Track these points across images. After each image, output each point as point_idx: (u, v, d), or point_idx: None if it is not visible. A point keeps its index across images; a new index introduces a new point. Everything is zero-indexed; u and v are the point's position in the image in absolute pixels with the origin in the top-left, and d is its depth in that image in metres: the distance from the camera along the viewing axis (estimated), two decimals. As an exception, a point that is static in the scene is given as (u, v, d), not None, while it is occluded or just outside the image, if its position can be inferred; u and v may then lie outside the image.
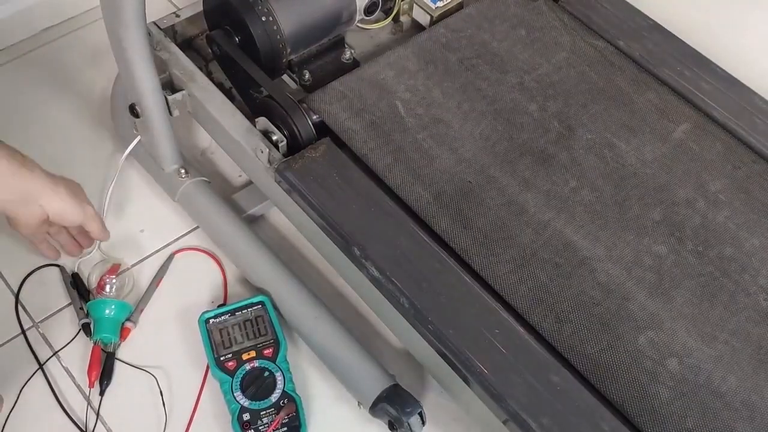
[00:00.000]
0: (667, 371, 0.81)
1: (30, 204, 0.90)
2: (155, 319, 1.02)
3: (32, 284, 1.04)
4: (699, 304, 0.86)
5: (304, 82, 1.06)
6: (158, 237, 1.10)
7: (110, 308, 0.97)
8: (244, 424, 0.89)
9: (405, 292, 0.82)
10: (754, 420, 0.79)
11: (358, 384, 0.93)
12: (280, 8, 0.99)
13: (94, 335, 0.96)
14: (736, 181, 0.96)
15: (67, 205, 0.93)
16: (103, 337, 0.96)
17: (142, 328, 1.00)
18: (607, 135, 0.99)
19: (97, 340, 0.96)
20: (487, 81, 1.03)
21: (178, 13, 1.09)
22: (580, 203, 0.92)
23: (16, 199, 0.89)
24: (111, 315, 0.96)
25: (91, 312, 0.97)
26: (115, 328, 0.97)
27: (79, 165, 1.16)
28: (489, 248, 0.88)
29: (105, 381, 0.94)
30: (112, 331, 0.96)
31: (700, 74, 1.06)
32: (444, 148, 0.95)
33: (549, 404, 0.76)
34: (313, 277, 1.07)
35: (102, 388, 0.94)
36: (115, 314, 0.97)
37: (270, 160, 0.92)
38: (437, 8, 1.10)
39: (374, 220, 0.88)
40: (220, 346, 0.95)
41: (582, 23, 1.11)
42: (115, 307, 0.97)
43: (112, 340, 0.96)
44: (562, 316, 0.84)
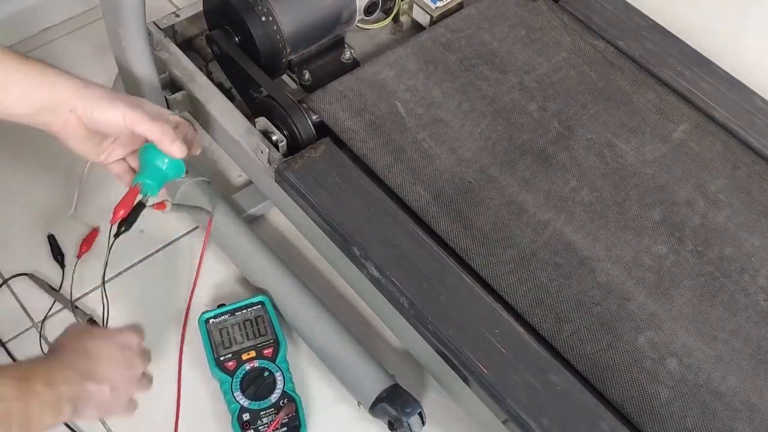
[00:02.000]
0: (667, 371, 0.81)
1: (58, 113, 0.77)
2: (155, 321, 1.02)
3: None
4: (699, 304, 0.86)
5: (304, 82, 1.06)
6: (158, 237, 1.10)
7: (164, 161, 0.83)
8: (244, 424, 0.90)
9: (405, 292, 0.82)
10: (754, 420, 0.79)
11: (358, 384, 0.93)
12: (280, 8, 0.99)
13: (138, 177, 0.83)
14: (736, 181, 0.96)
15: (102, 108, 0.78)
16: (146, 184, 0.83)
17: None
18: (607, 135, 0.99)
19: (138, 183, 0.83)
20: (487, 81, 1.02)
21: (178, 13, 1.09)
22: (580, 203, 0.92)
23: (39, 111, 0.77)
24: (162, 167, 0.83)
25: (142, 155, 0.84)
26: (160, 182, 0.84)
27: (78, 165, 1.16)
28: (489, 248, 0.88)
29: (124, 226, 0.83)
30: (156, 182, 0.84)
31: (700, 74, 1.06)
32: (444, 148, 0.95)
33: (549, 404, 0.76)
34: (313, 277, 1.07)
35: (119, 230, 0.83)
36: (167, 169, 0.84)
37: (270, 160, 0.92)
38: (437, 8, 1.10)
39: (374, 220, 0.88)
40: (220, 346, 0.95)
41: (582, 23, 1.11)
42: (169, 162, 0.83)
43: (151, 192, 0.84)
44: (562, 316, 0.84)
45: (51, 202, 1.12)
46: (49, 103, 0.76)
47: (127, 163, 0.87)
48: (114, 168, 0.87)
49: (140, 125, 0.79)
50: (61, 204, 1.10)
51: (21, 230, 1.10)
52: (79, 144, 0.81)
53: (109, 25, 0.94)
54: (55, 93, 0.76)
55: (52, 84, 0.76)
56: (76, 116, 0.77)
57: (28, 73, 0.75)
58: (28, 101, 0.76)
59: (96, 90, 0.78)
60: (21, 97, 0.76)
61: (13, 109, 0.76)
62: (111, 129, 0.80)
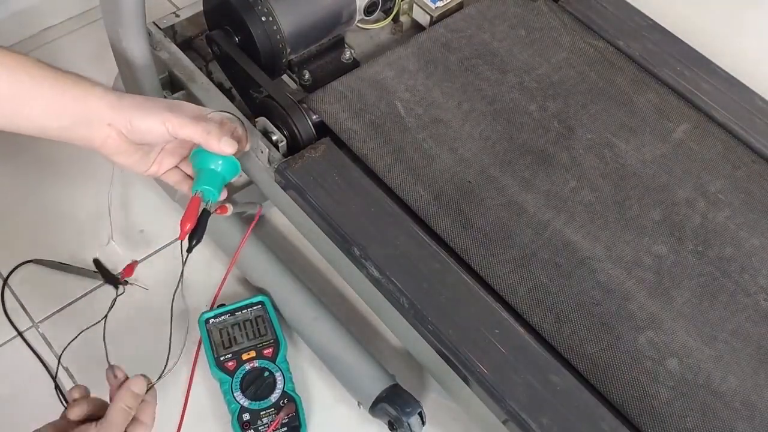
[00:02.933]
0: (667, 371, 0.81)
1: (94, 127, 0.75)
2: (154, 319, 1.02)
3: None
4: (699, 304, 0.86)
5: (304, 82, 1.06)
6: (158, 237, 1.10)
7: (218, 162, 0.81)
8: (244, 424, 0.90)
9: (405, 292, 0.82)
10: (754, 420, 0.79)
11: (358, 384, 0.93)
12: (280, 8, 0.99)
13: (195, 185, 0.81)
14: (736, 181, 0.96)
15: (140, 118, 0.75)
16: (205, 190, 0.81)
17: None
18: (607, 135, 0.99)
19: (198, 192, 0.81)
20: (487, 81, 1.02)
21: (178, 13, 1.09)
22: (580, 203, 0.92)
23: (71, 125, 0.74)
24: (218, 170, 0.81)
25: (194, 160, 0.82)
26: (219, 185, 0.82)
27: (79, 164, 1.16)
28: (489, 248, 0.88)
29: (195, 238, 0.81)
30: (215, 187, 0.81)
31: (700, 74, 1.06)
32: (444, 148, 0.95)
33: (549, 404, 0.76)
34: (313, 277, 1.07)
35: (191, 244, 0.81)
36: (223, 170, 0.82)
37: (270, 160, 0.92)
38: (437, 8, 1.10)
39: (374, 220, 0.88)
40: (220, 346, 0.95)
41: (582, 23, 1.11)
42: (223, 163, 0.81)
43: (212, 197, 0.82)
44: (562, 316, 0.84)
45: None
46: (82, 117, 0.74)
47: (182, 171, 0.85)
48: (169, 178, 0.85)
49: (182, 130, 0.76)
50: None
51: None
52: (126, 159, 0.79)
53: (109, 25, 0.93)
54: (89, 106, 0.74)
55: (84, 97, 0.74)
56: (116, 130, 0.75)
57: (57, 84, 0.73)
58: (59, 114, 0.73)
59: (131, 100, 0.76)
60: (50, 109, 0.73)
61: (42, 122, 0.73)
62: (153, 138, 0.77)
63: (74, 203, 1.13)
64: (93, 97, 0.74)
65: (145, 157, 0.81)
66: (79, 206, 1.13)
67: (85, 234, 1.10)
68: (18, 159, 1.17)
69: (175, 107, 0.78)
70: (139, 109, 0.75)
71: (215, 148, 0.77)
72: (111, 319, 1.02)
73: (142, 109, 0.75)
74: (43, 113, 0.73)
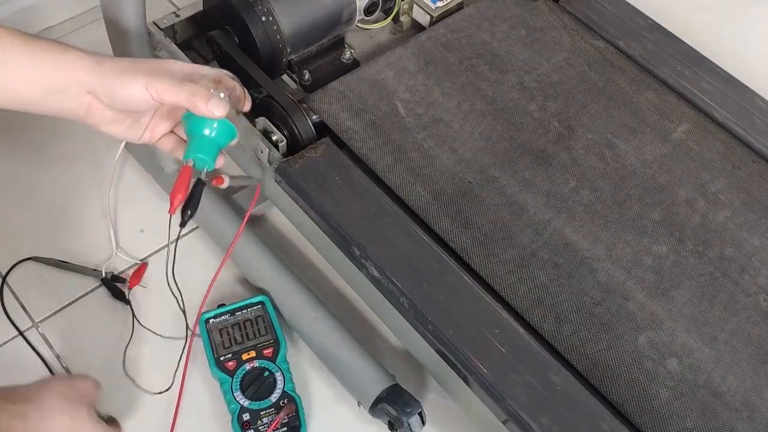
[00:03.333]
0: (667, 371, 0.81)
1: (73, 95, 0.70)
2: (154, 320, 1.02)
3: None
4: (699, 304, 0.86)
5: (304, 82, 1.06)
6: (158, 237, 1.10)
7: (212, 127, 0.73)
8: (244, 424, 0.89)
9: (405, 292, 0.82)
10: (754, 420, 0.79)
11: (358, 384, 0.93)
12: (280, 8, 0.99)
13: (187, 153, 0.74)
14: (736, 181, 0.96)
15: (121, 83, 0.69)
16: (197, 158, 0.74)
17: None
18: (607, 135, 0.99)
19: (189, 160, 0.74)
20: (487, 81, 1.02)
21: (178, 13, 1.08)
22: (580, 203, 0.92)
23: (49, 94, 0.69)
24: (212, 135, 0.73)
25: (186, 126, 0.75)
26: (213, 152, 0.74)
27: (79, 164, 1.16)
28: (489, 248, 0.88)
29: (189, 210, 0.75)
30: (209, 154, 0.74)
31: (700, 74, 1.06)
32: (444, 148, 0.95)
33: (549, 404, 0.76)
34: (313, 277, 1.07)
35: (184, 217, 0.75)
36: (217, 136, 0.74)
37: (270, 160, 0.92)
38: (437, 8, 1.10)
39: (374, 220, 0.88)
40: (220, 346, 0.95)
41: (582, 23, 1.11)
42: (218, 127, 0.73)
43: (206, 166, 0.74)
44: (562, 316, 0.84)
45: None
46: (60, 84, 0.68)
47: (177, 136, 0.77)
48: (163, 145, 0.77)
49: (166, 94, 0.69)
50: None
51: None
52: (115, 128, 0.73)
53: (109, 25, 0.94)
54: (66, 73, 0.68)
55: (59, 62, 0.68)
56: (96, 98, 0.69)
57: (33, 51, 0.67)
58: (35, 82, 0.68)
59: (112, 64, 0.69)
60: (26, 77, 0.68)
61: (19, 92, 0.68)
62: (137, 105, 0.70)
63: (75, 201, 1.13)
64: (70, 63, 0.68)
65: (135, 124, 0.75)
66: (80, 203, 1.13)
67: (85, 232, 1.10)
68: (18, 154, 1.17)
69: (161, 69, 0.70)
70: (120, 75, 0.69)
71: (203, 110, 0.69)
72: (110, 319, 1.02)
73: (123, 74, 0.69)
74: (20, 82, 0.68)
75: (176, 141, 0.78)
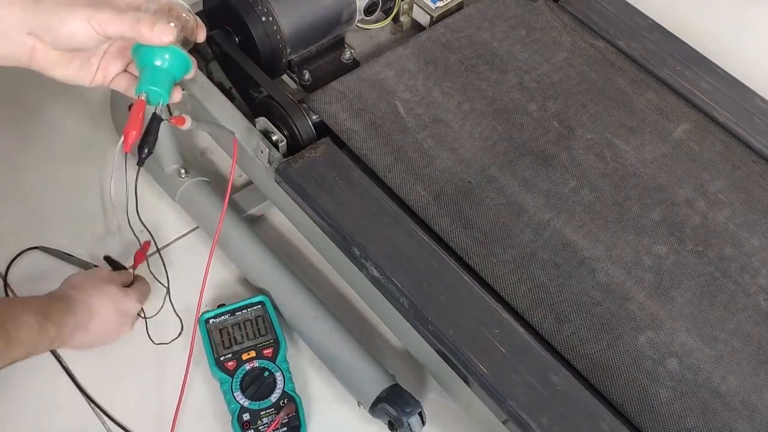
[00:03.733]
0: (667, 371, 0.81)
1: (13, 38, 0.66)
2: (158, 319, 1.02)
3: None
4: (699, 304, 0.86)
5: (304, 82, 1.06)
6: (158, 237, 1.10)
7: (164, 57, 0.68)
8: (244, 424, 0.90)
9: (405, 292, 0.82)
10: (754, 420, 0.79)
11: (358, 384, 0.93)
12: (280, 8, 0.99)
13: (139, 87, 0.69)
14: (736, 181, 0.96)
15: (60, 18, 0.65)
16: (150, 91, 0.69)
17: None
18: (606, 135, 0.99)
19: (141, 93, 0.69)
20: (487, 81, 1.02)
21: (178, 13, 1.08)
22: (580, 203, 0.92)
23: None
24: (164, 66, 0.69)
25: (136, 58, 0.70)
26: (167, 84, 0.70)
27: (79, 164, 1.16)
28: (489, 248, 0.88)
29: (146, 148, 0.70)
30: (162, 86, 0.69)
31: (700, 74, 1.06)
32: (444, 148, 0.95)
33: (549, 404, 0.76)
34: (313, 277, 1.07)
35: (141, 155, 0.70)
36: (170, 66, 0.69)
37: (270, 160, 0.92)
38: (437, 8, 1.10)
39: (374, 220, 0.88)
40: (220, 346, 0.96)
41: (582, 23, 1.11)
42: (170, 57, 0.69)
43: (160, 100, 0.70)
44: (562, 316, 0.84)
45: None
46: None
47: (131, 75, 0.74)
48: (117, 85, 0.74)
49: (109, 25, 0.64)
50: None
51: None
52: (63, 71, 0.69)
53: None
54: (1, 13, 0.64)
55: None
56: (38, 38, 0.65)
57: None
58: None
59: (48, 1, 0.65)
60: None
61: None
62: (81, 41, 0.66)
63: (79, 194, 1.14)
64: (4, 2, 0.64)
65: (85, 65, 0.70)
66: (83, 197, 1.13)
67: (88, 226, 1.10)
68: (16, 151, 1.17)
69: (105, 2, 0.66)
70: (59, 10, 0.64)
71: (149, 37, 0.65)
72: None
73: (62, 9, 0.64)
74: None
75: (131, 79, 0.74)
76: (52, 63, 0.68)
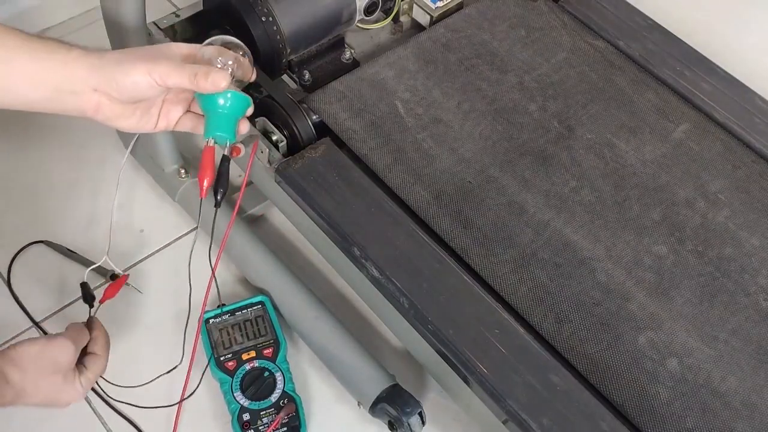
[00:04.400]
0: (667, 371, 0.81)
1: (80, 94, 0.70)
2: (154, 321, 1.02)
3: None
4: (699, 304, 0.86)
5: (304, 82, 1.06)
6: (158, 237, 1.10)
7: (224, 101, 0.72)
8: (244, 424, 0.90)
9: (405, 292, 0.82)
10: (754, 420, 0.79)
11: (358, 384, 0.93)
12: (280, 8, 0.99)
13: (206, 133, 0.74)
14: (736, 181, 0.96)
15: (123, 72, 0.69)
16: (217, 137, 0.74)
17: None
18: (607, 135, 0.99)
19: (209, 139, 0.74)
20: (487, 81, 1.02)
21: (178, 13, 1.08)
22: (580, 203, 0.92)
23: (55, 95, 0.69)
24: (225, 110, 0.73)
25: (200, 103, 0.75)
26: (231, 126, 0.74)
27: (79, 165, 1.16)
28: (489, 248, 0.88)
29: (220, 189, 0.77)
30: (227, 129, 0.74)
31: (700, 74, 1.06)
32: (444, 148, 0.95)
33: (549, 404, 0.76)
34: (313, 277, 1.07)
35: (218, 198, 0.76)
36: (231, 108, 0.73)
37: (270, 160, 0.92)
38: (437, 8, 1.10)
39: (374, 220, 0.88)
40: (220, 346, 0.96)
41: (582, 23, 1.11)
42: (229, 100, 0.73)
43: (227, 140, 0.74)
44: (562, 316, 0.84)
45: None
46: (65, 85, 0.68)
47: (193, 114, 0.78)
48: (183, 127, 0.78)
49: (169, 78, 0.69)
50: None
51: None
52: (126, 122, 0.73)
53: (109, 25, 0.94)
54: (69, 72, 0.68)
55: (63, 62, 0.68)
56: (104, 93, 0.70)
57: (35, 50, 0.67)
58: (41, 84, 0.68)
59: (112, 55, 0.70)
60: (29, 78, 0.68)
61: (24, 93, 0.69)
62: (143, 92, 0.70)
63: (80, 194, 1.14)
64: (72, 61, 0.69)
65: (146, 115, 0.75)
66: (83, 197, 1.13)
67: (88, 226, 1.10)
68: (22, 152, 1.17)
69: (160, 53, 0.71)
70: (121, 65, 0.69)
71: (207, 87, 0.70)
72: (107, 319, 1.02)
73: (124, 64, 0.69)
74: (25, 84, 0.68)
75: (194, 119, 0.78)
76: (116, 115, 0.72)
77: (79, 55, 0.69)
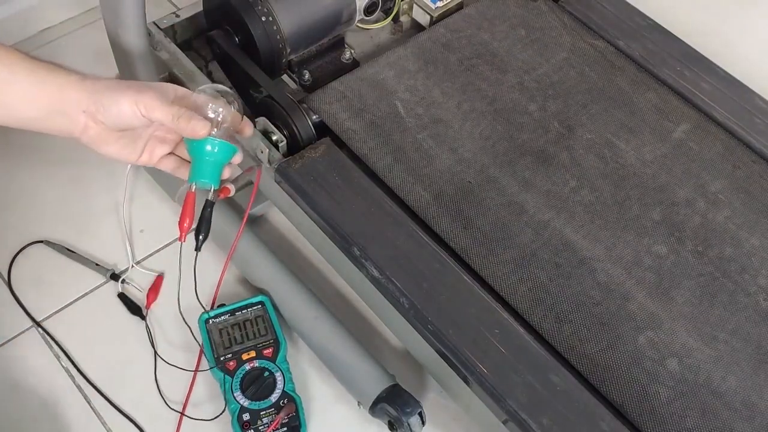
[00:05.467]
0: (666, 371, 0.81)
1: (70, 115, 0.72)
2: (154, 320, 1.02)
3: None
4: (699, 304, 0.86)
5: (304, 82, 1.06)
6: (158, 237, 1.10)
7: (213, 146, 0.75)
8: (244, 424, 0.90)
9: (405, 292, 0.82)
10: (754, 420, 0.79)
11: (358, 384, 0.93)
12: (280, 8, 0.99)
13: (190, 178, 0.77)
14: (736, 181, 0.96)
15: (111, 99, 0.71)
16: (202, 183, 0.77)
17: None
18: (607, 135, 0.99)
19: (191, 185, 0.77)
20: (487, 81, 1.02)
21: (178, 13, 1.09)
22: (580, 203, 0.92)
23: (47, 114, 0.72)
24: (211, 157, 0.76)
25: (187, 147, 0.77)
26: (216, 173, 0.77)
27: (79, 165, 1.16)
28: (489, 248, 0.88)
29: (202, 233, 0.79)
30: (211, 176, 0.77)
31: (700, 74, 1.06)
32: (444, 148, 0.95)
33: (549, 404, 0.76)
34: (313, 277, 1.07)
35: (198, 242, 0.79)
36: (216, 156, 0.76)
37: (270, 160, 0.92)
38: (437, 8, 1.10)
39: (374, 220, 0.88)
40: (220, 346, 0.95)
41: (582, 23, 1.11)
42: (218, 147, 0.75)
43: (211, 186, 0.77)
44: (562, 316, 0.84)
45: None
46: (58, 105, 0.71)
47: (178, 157, 0.80)
48: (164, 165, 0.80)
49: (153, 112, 0.72)
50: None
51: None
52: (109, 148, 0.76)
53: (109, 25, 0.94)
54: (64, 94, 0.71)
55: (59, 84, 0.71)
56: (92, 117, 0.72)
57: (33, 72, 0.70)
58: (34, 102, 0.71)
59: (106, 82, 0.73)
60: (26, 97, 0.71)
61: (19, 111, 0.71)
62: (127, 121, 0.73)
63: (79, 195, 1.14)
64: (68, 84, 0.71)
65: (131, 145, 0.77)
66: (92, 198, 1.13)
67: (89, 226, 1.10)
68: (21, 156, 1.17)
69: (152, 87, 0.74)
70: (111, 91, 0.72)
71: (186, 132, 0.73)
72: (108, 319, 1.02)
73: (114, 91, 0.72)
74: (20, 102, 0.71)
75: (177, 162, 0.80)
76: (101, 139, 0.74)
77: (77, 80, 0.72)
